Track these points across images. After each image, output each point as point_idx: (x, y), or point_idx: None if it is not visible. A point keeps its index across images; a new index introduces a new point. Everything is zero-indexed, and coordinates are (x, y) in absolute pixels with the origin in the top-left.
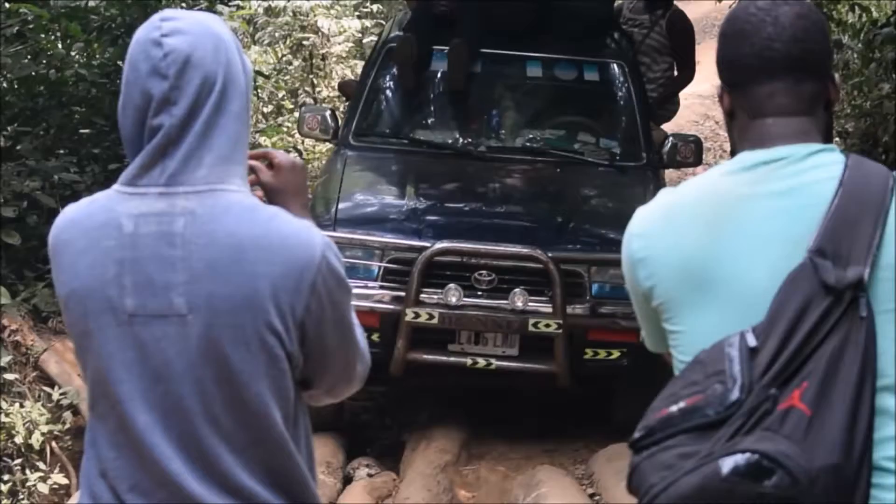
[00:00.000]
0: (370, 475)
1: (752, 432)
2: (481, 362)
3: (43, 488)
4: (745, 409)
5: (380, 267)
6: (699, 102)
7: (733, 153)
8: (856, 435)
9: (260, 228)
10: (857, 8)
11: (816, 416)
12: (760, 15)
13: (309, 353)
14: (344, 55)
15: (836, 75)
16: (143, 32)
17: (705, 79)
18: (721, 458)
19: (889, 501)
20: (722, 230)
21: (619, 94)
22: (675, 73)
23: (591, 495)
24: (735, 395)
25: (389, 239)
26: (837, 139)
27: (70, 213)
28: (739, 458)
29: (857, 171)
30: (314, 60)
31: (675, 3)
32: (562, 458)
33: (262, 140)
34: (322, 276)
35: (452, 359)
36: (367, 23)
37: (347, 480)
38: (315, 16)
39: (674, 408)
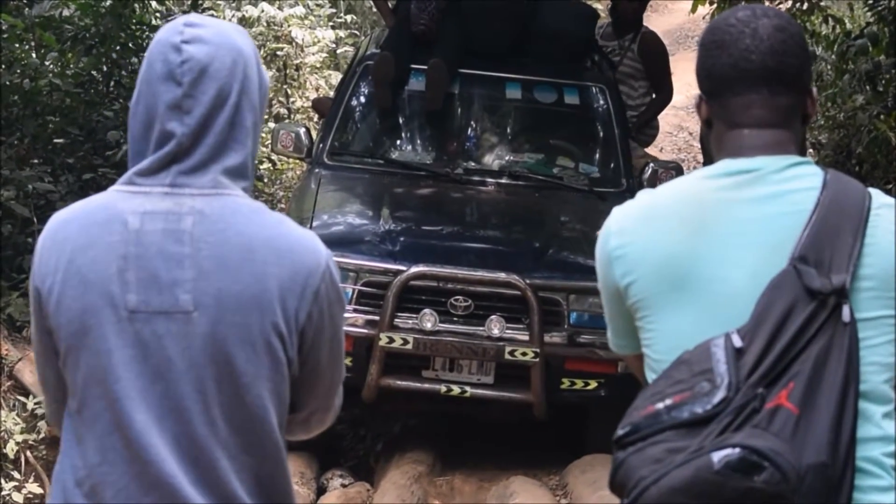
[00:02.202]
0: (344, 486)
1: (741, 429)
2: (456, 390)
3: (18, 498)
4: (734, 406)
5: (354, 290)
6: (673, 113)
7: (707, 162)
8: (841, 435)
9: (269, 230)
10: (830, 20)
11: (803, 416)
12: (739, 27)
13: (303, 365)
14: (318, 66)
15: (814, 88)
16: (165, 34)
17: (679, 90)
18: (712, 452)
19: (867, 502)
20: (701, 231)
21: (599, 118)
22: (653, 96)
23: None
24: (723, 393)
25: (364, 261)
26: (811, 150)
27: (65, 214)
28: (731, 453)
29: (836, 183)
30: (288, 71)
31: (644, 25)
32: (536, 468)
33: None
34: (325, 285)
35: (426, 385)
36: (342, 33)
37: (321, 491)
38: (289, 26)
39: (660, 405)
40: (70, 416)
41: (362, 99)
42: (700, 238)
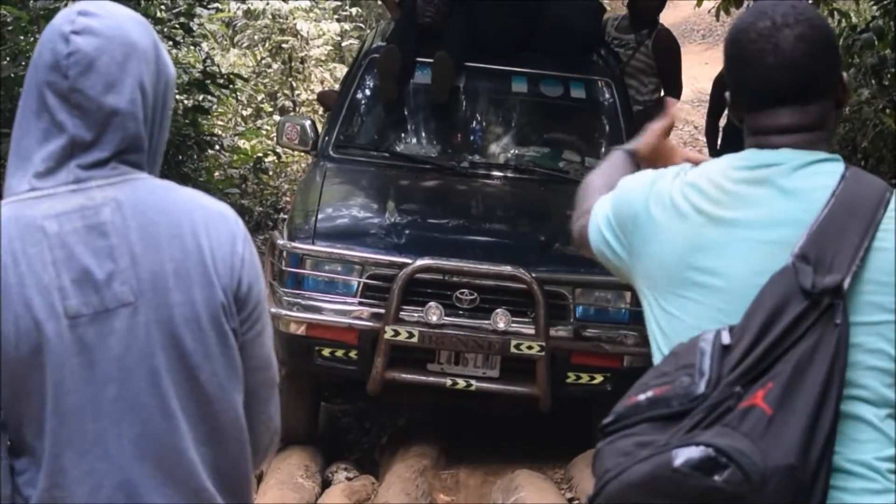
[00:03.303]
0: (349, 479)
1: (711, 427)
2: (461, 383)
3: None
4: (708, 403)
5: (359, 283)
6: (678, 107)
7: (712, 155)
8: (815, 438)
9: (188, 204)
10: (836, 13)
11: (777, 417)
12: (760, 42)
13: (241, 335)
14: (323, 58)
15: (844, 74)
16: (57, 20)
17: (684, 83)
18: (675, 450)
19: (855, 502)
20: (714, 221)
21: (606, 112)
22: (662, 93)
23: (570, 499)
24: (701, 388)
25: (369, 254)
26: None
27: None
28: (693, 451)
29: (852, 182)
30: (293, 63)
31: (660, 22)
32: (541, 462)
33: (241, 143)
34: (248, 250)
35: (431, 379)
36: (347, 26)
37: (326, 484)
38: (294, 19)
39: (642, 396)
40: (17, 446)
41: (368, 92)
42: (711, 227)
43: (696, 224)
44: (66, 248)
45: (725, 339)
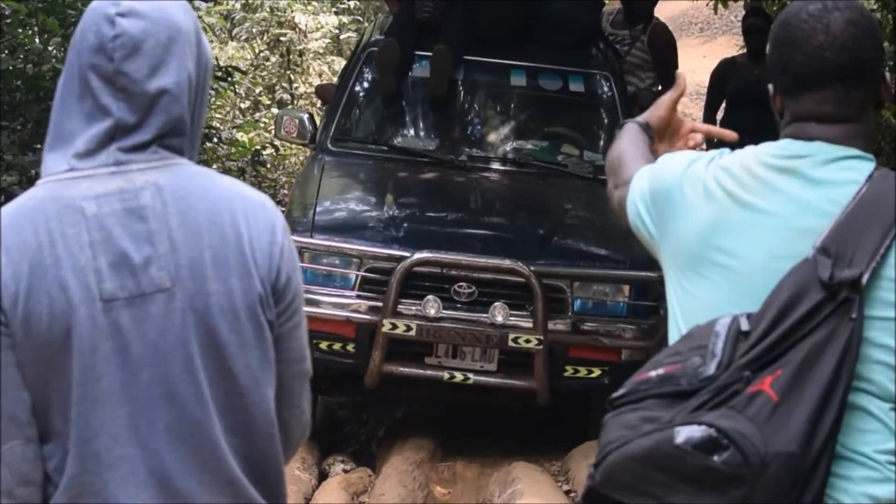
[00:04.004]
0: (346, 471)
1: (716, 409)
2: (458, 376)
3: None
4: (716, 385)
5: (357, 276)
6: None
7: (710, 148)
8: (819, 429)
9: (227, 192)
10: None
11: (783, 404)
12: (811, 22)
13: (278, 326)
14: (321, 51)
15: (888, 74)
16: (99, 3)
17: None
18: (678, 427)
19: (860, 492)
20: (740, 205)
21: (604, 105)
22: (659, 88)
23: (567, 492)
24: (711, 370)
25: (368, 247)
26: None
27: (7, 219)
28: (696, 430)
29: (880, 181)
30: (291, 56)
31: (655, 16)
32: (538, 454)
33: (240, 136)
34: (287, 240)
35: (429, 372)
36: (345, 19)
37: (323, 476)
38: (292, 12)
39: (653, 373)
40: (47, 430)
41: (366, 85)
42: (736, 209)
43: (722, 205)
44: (103, 231)
45: (744, 325)
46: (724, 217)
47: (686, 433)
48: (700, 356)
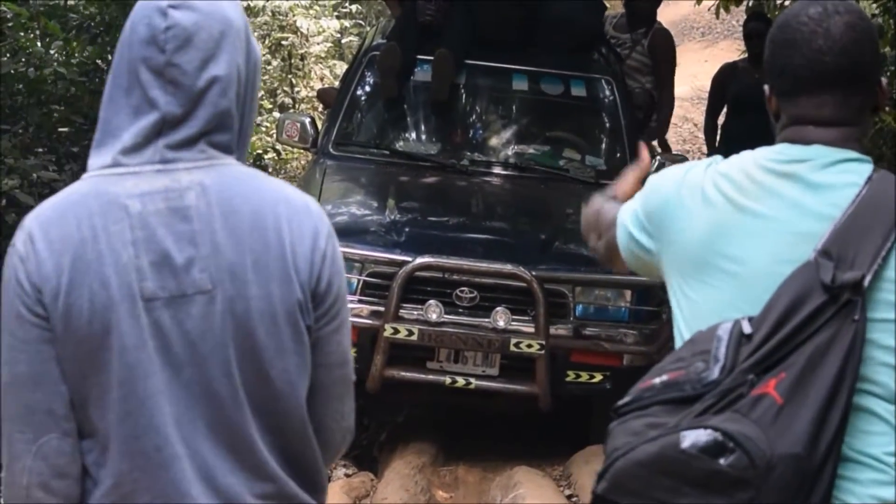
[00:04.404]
0: (347, 475)
1: (721, 412)
2: (460, 381)
3: None
4: (720, 389)
5: (358, 280)
6: (678, 104)
7: (710, 153)
8: (824, 431)
9: (273, 195)
10: None
11: (787, 406)
12: (811, 25)
13: (316, 330)
14: (323, 55)
15: (884, 79)
16: None
17: (684, 81)
18: (684, 432)
19: (866, 493)
20: (741, 210)
21: (606, 110)
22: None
23: (569, 496)
24: (714, 374)
25: (369, 252)
26: None
27: (49, 211)
28: (701, 434)
29: (880, 183)
30: (293, 60)
31: (658, 21)
32: (539, 459)
33: None
34: (331, 245)
35: (431, 377)
36: (346, 23)
37: None
38: (294, 16)
39: (657, 380)
40: (88, 426)
41: (368, 89)
42: (737, 215)
43: (723, 211)
44: (147, 230)
45: (746, 328)
46: (725, 223)
47: (692, 437)
48: (703, 361)
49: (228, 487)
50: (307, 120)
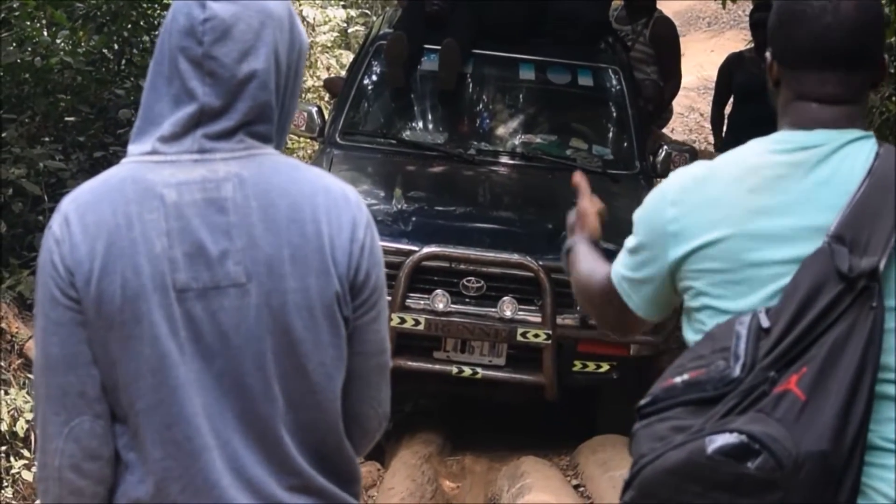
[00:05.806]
0: None
1: (745, 412)
2: (467, 371)
3: (27, 476)
4: (743, 388)
5: None
6: (684, 94)
7: (717, 142)
8: (849, 423)
9: (311, 186)
10: None
11: (811, 402)
12: (821, 1)
13: (354, 320)
14: (329, 45)
15: (885, 55)
16: None
17: (691, 71)
18: (709, 436)
19: (887, 478)
20: (755, 211)
21: (613, 100)
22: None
23: (576, 486)
24: (736, 373)
25: None
26: None
27: (86, 195)
28: (727, 438)
29: (886, 159)
30: None
31: (658, 10)
32: (546, 448)
33: None
34: (370, 235)
35: (437, 366)
36: (353, 12)
37: None
38: (300, 5)
39: (678, 379)
40: (123, 412)
41: (375, 79)
42: (753, 217)
43: (732, 213)
44: (182, 220)
45: (764, 322)
46: (737, 225)
47: (718, 442)
48: (724, 359)
49: (257, 479)
50: (314, 109)
